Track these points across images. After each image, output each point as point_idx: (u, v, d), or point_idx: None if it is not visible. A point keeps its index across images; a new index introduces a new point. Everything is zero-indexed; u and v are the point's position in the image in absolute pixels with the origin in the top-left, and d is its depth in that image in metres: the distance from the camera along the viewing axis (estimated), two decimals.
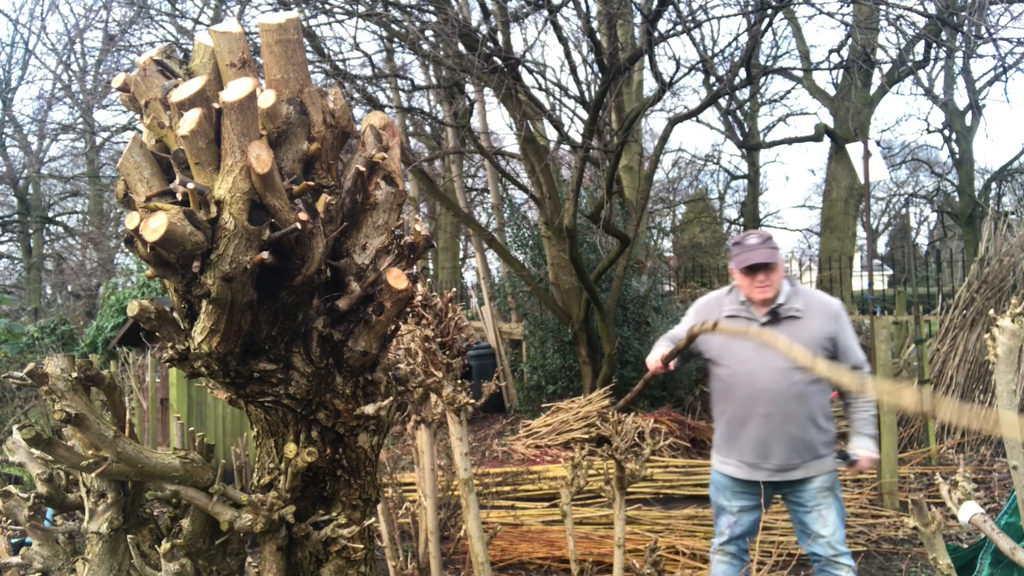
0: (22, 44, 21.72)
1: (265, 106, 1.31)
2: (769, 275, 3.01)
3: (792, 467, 3.04)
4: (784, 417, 3.01)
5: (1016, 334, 2.13)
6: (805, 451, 3.02)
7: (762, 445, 3.05)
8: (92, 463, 1.43)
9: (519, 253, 10.32)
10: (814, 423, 3.03)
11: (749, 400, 3.06)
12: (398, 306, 1.50)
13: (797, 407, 3.00)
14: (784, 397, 3.00)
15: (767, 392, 3.02)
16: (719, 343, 3.13)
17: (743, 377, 3.07)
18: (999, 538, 2.12)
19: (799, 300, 3.06)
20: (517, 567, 4.34)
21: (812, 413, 3.02)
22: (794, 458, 3.02)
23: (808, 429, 3.02)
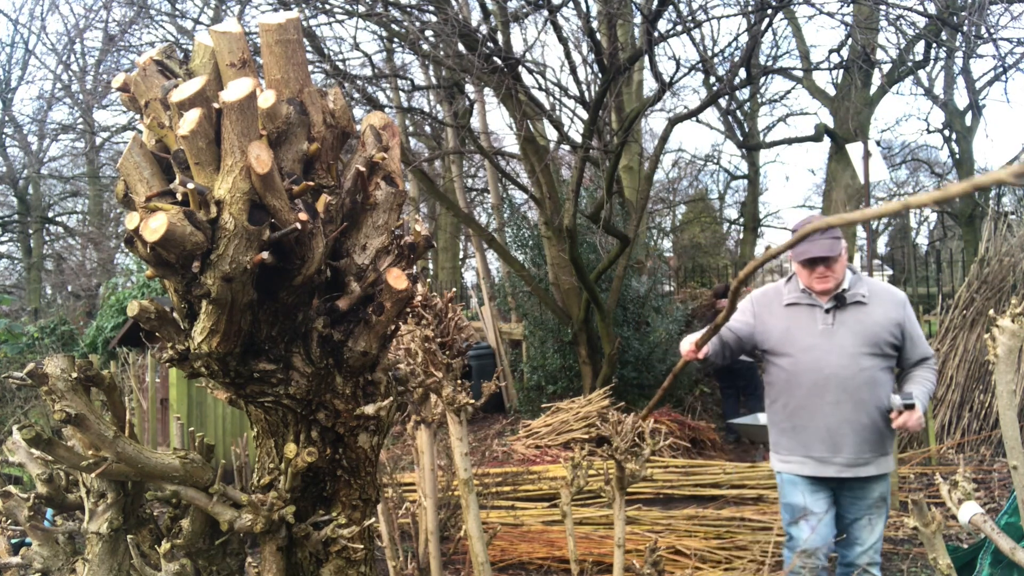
0: (22, 44, 21.73)
1: (265, 106, 1.31)
2: (830, 267, 2.88)
3: (864, 462, 2.87)
4: (855, 405, 2.84)
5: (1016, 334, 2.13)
6: (877, 444, 2.86)
7: (831, 436, 2.88)
8: (92, 463, 1.43)
9: (519, 253, 10.32)
10: (880, 412, 2.86)
11: (816, 388, 2.88)
12: (398, 306, 1.50)
13: (868, 394, 2.83)
14: (855, 383, 2.84)
15: (836, 378, 2.86)
16: (779, 332, 2.99)
17: (809, 364, 2.90)
18: (999, 538, 2.12)
19: (863, 286, 2.93)
20: (517, 567, 4.34)
21: (883, 402, 2.86)
22: (866, 451, 2.85)
23: (879, 419, 2.85)
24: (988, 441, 6.38)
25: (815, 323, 2.92)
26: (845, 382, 2.85)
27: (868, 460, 2.87)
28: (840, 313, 2.90)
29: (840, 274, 2.91)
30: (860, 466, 2.87)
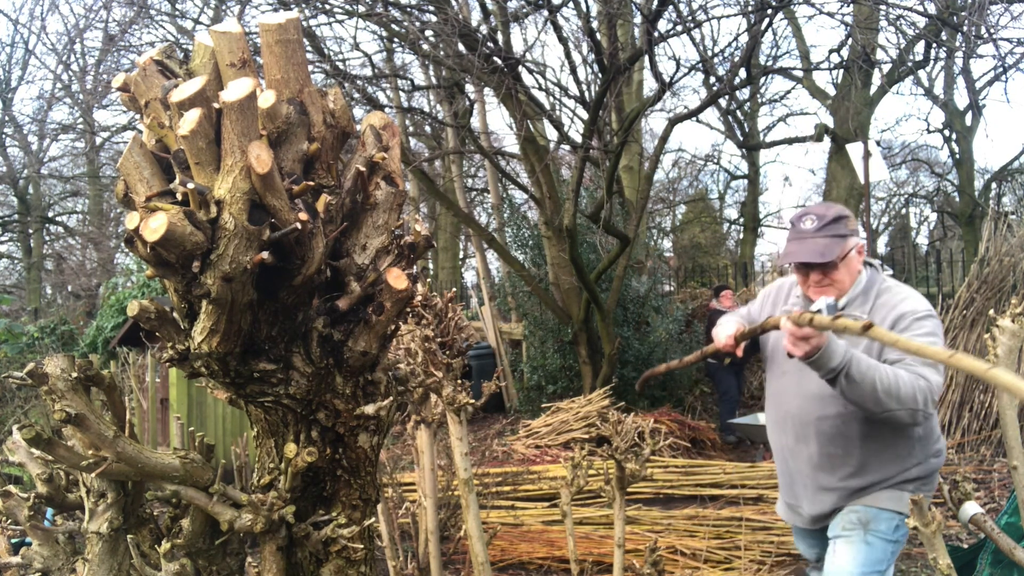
0: (22, 44, 21.72)
1: (265, 106, 1.31)
2: (828, 274, 2.28)
3: (826, 517, 2.36)
4: (815, 459, 2.31)
5: (1016, 334, 2.13)
6: (852, 494, 2.30)
7: (792, 483, 2.43)
8: (92, 463, 1.43)
9: (519, 253, 10.32)
10: (871, 459, 2.25)
11: (778, 425, 2.45)
12: (398, 306, 1.50)
13: (832, 447, 2.26)
14: (814, 433, 2.29)
15: (792, 421, 2.36)
16: (771, 342, 2.49)
17: (775, 395, 2.46)
18: (999, 538, 2.12)
19: (867, 302, 2.28)
20: (517, 567, 4.34)
21: (860, 459, 2.24)
22: (825, 507, 2.34)
23: (849, 478, 2.28)
24: (988, 441, 6.38)
25: None
26: (804, 429, 2.32)
27: (834, 512, 2.34)
28: None
29: (846, 282, 2.29)
30: (824, 520, 2.38)
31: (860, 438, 2.24)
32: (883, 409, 2.02)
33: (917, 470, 2.28)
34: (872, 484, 2.25)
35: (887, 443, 2.25)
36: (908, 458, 2.25)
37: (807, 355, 1.96)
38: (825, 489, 2.32)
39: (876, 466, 2.25)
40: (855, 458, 2.25)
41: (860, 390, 2.00)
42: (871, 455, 2.25)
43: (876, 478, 2.26)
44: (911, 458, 2.26)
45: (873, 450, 2.24)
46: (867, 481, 2.25)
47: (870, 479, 2.26)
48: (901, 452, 2.25)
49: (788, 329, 1.92)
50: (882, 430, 2.22)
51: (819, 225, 2.25)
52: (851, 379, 1.99)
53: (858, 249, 2.31)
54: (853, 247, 2.29)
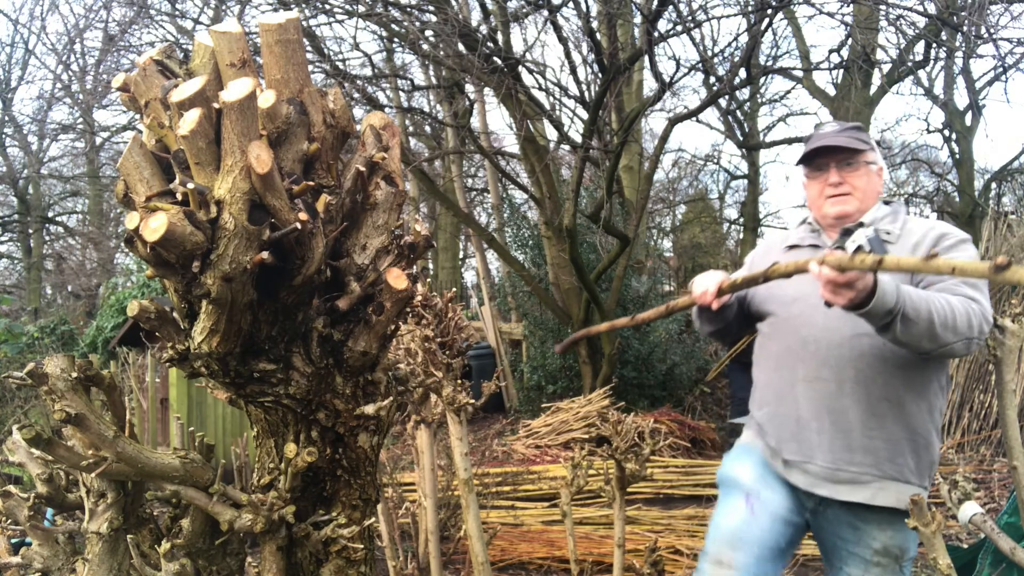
0: (22, 44, 21.73)
1: (265, 106, 1.31)
2: (846, 173, 1.94)
3: (850, 477, 1.86)
4: (841, 387, 1.86)
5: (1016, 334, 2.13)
6: (880, 455, 1.84)
7: (801, 430, 1.92)
8: (92, 463, 1.43)
9: (519, 253, 10.33)
10: (899, 410, 1.84)
11: (788, 356, 1.97)
12: (398, 306, 1.50)
13: (869, 376, 1.84)
14: (844, 355, 1.86)
15: (815, 344, 1.90)
16: (767, 289, 2.02)
17: (787, 321, 1.99)
18: (999, 538, 2.12)
19: (896, 223, 1.95)
20: (517, 567, 4.34)
21: (897, 393, 1.84)
22: (855, 460, 1.86)
23: (886, 417, 1.84)
24: (988, 441, 6.38)
25: None
26: (829, 352, 1.88)
27: (859, 476, 1.85)
28: None
29: (867, 195, 1.97)
30: (844, 483, 1.87)
31: (898, 367, 1.86)
32: (939, 344, 1.69)
33: (937, 445, 1.94)
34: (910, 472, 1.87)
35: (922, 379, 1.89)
36: (932, 412, 1.91)
37: (853, 302, 1.59)
38: (859, 447, 1.85)
39: (911, 412, 1.87)
40: (894, 391, 1.84)
41: (916, 329, 1.65)
42: (910, 389, 1.87)
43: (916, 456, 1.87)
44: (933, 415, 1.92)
45: (914, 381, 1.87)
46: (909, 461, 1.86)
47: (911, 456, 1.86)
48: (930, 399, 1.91)
49: (827, 275, 1.56)
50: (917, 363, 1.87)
51: (840, 128, 2.01)
52: (907, 320, 1.64)
53: (879, 171, 2.02)
54: (875, 161, 2.00)
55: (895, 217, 1.98)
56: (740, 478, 2.04)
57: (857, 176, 1.97)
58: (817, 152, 1.98)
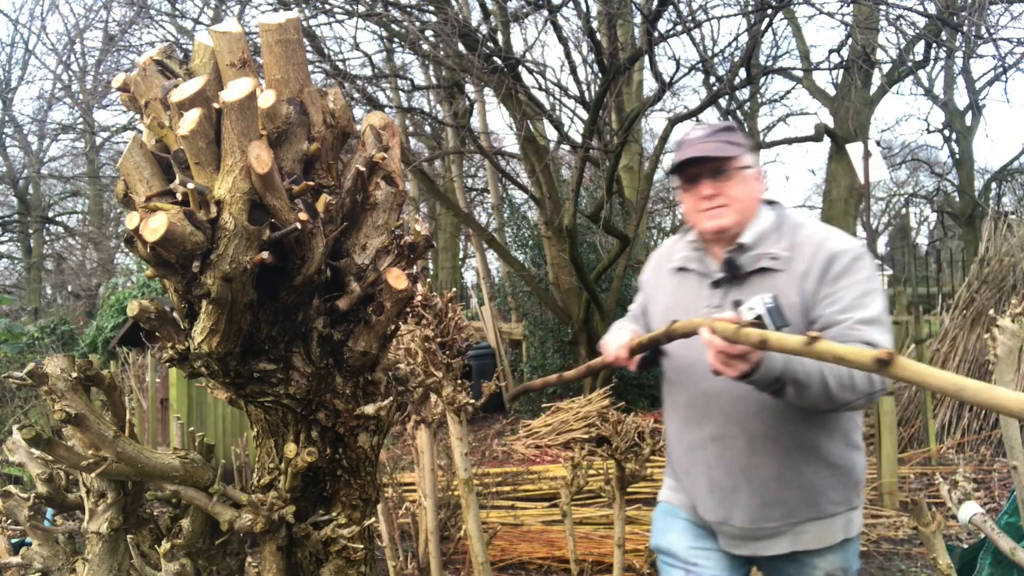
0: (22, 44, 21.73)
1: (265, 106, 1.31)
2: (719, 183, 1.76)
3: (765, 534, 1.78)
4: (750, 443, 1.75)
5: (1016, 334, 2.13)
6: (791, 505, 1.76)
7: (716, 491, 1.81)
8: (92, 463, 1.43)
9: (519, 253, 10.33)
10: (814, 454, 1.75)
11: (694, 412, 1.84)
12: (398, 306, 1.50)
13: (777, 425, 1.73)
14: (747, 408, 1.73)
15: (718, 400, 1.77)
16: (660, 315, 1.91)
17: (685, 371, 1.84)
18: (999, 538, 2.13)
19: (782, 240, 1.76)
20: (517, 567, 4.34)
21: (810, 438, 1.74)
22: (771, 516, 1.77)
23: (801, 465, 1.74)
24: (988, 441, 6.38)
25: (698, 305, 1.82)
26: (734, 408, 1.75)
27: (777, 530, 1.77)
28: (734, 290, 1.76)
29: (744, 204, 1.78)
30: (763, 540, 1.78)
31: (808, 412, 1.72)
32: (837, 405, 1.61)
33: (860, 460, 1.83)
34: (836, 503, 1.77)
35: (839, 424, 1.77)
36: (850, 436, 1.79)
37: (743, 373, 1.50)
38: (777, 501, 1.76)
39: (827, 451, 1.76)
40: (807, 437, 1.74)
41: (810, 393, 1.56)
42: (819, 431, 1.75)
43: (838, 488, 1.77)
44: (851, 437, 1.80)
45: (821, 424, 1.75)
46: (831, 496, 1.76)
47: (832, 491, 1.76)
48: (844, 426, 1.79)
49: (715, 345, 1.47)
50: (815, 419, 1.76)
51: (708, 132, 1.83)
52: (799, 385, 1.55)
53: (756, 175, 1.84)
54: (750, 165, 1.82)
55: (779, 234, 1.78)
56: (675, 549, 1.91)
57: (731, 185, 1.77)
58: (685, 163, 1.79)
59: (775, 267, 1.73)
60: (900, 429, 6.48)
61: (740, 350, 1.46)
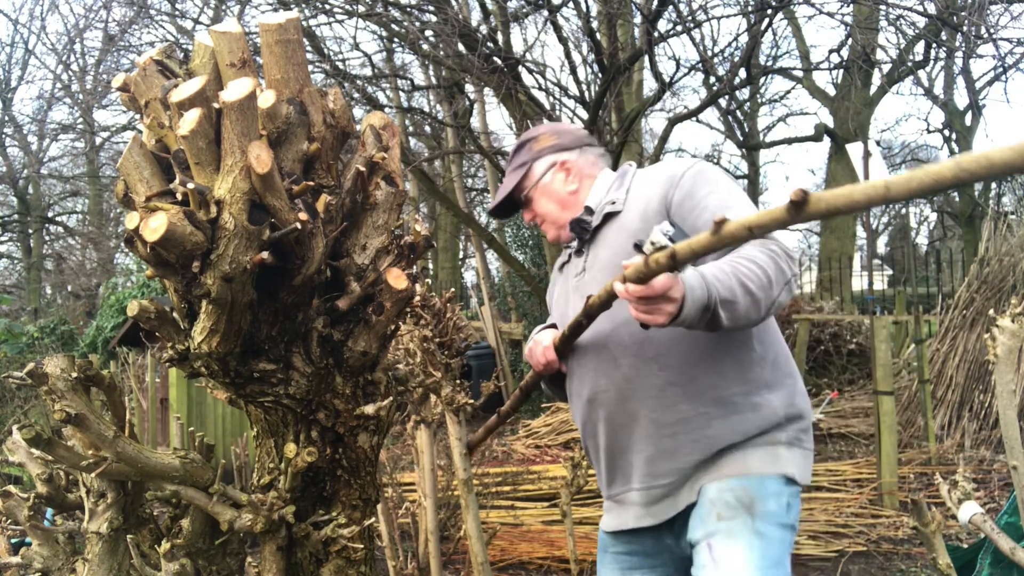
0: (22, 44, 21.73)
1: (265, 106, 1.31)
2: (530, 210, 1.85)
3: (661, 494, 1.60)
4: (619, 392, 1.62)
5: (1016, 334, 2.13)
6: (680, 452, 1.57)
7: (610, 460, 1.69)
8: (92, 463, 1.43)
9: (519, 253, 10.33)
10: (691, 387, 1.57)
11: (574, 380, 1.75)
12: (398, 306, 1.50)
13: (641, 364, 1.59)
14: (612, 356, 1.63)
15: (585, 357, 1.68)
16: (553, 310, 1.92)
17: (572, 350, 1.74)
18: (999, 538, 2.13)
19: (621, 188, 1.74)
20: (517, 567, 4.34)
21: (682, 371, 1.57)
22: (659, 471, 1.59)
23: (678, 403, 1.57)
24: (988, 441, 6.38)
25: (571, 276, 1.83)
26: (599, 359, 1.65)
27: (673, 486, 1.59)
28: (591, 248, 1.75)
29: (558, 209, 1.80)
30: (660, 502, 1.61)
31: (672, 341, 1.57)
32: (766, 308, 1.46)
33: (779, 400, 1.59)
34: (727, 436, 1.55)
35: (724, 355, 1.59)
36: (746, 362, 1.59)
37: (674, 315, 1.35)
38: (662, 451, 1.58)
39: (711, 383, 1.56)
40: (677, 371, 1.58)
41: (739, 308, 1.41)
42: (696, 360, 1.57)
43: (728, 423, 1.56)
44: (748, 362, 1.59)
45: (692, 351, 1.57)
46: (719, 429, 1.56)
47: (721, 423, 1.56)
48: (734, 350, 1.59)
49: (635, 291, 1.32)
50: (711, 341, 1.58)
51: (508, 163, 1.86)
52: (726, 303, 1.39)
53: (560, 166, 1.80)
54: (546, 168, 1.79)
55: (620, 183, 1.75)
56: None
57: (536, 205, 1.83)
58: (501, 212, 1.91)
59: (615, 210, 1.70)
60: (900, 429, 6.48)
61: (661, 288, 1.31)
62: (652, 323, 1.37)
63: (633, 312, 1.37)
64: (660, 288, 1.31)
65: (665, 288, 1.31)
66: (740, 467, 1.54)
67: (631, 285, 1.32)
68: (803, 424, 1.62)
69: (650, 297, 1.32)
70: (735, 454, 1.55)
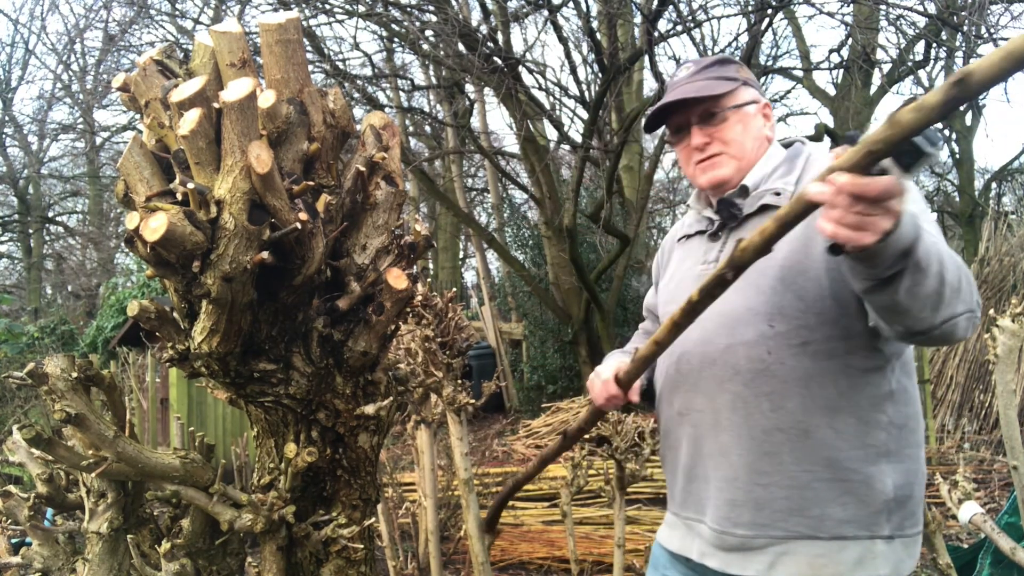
0: (22, 44, 21.75)
1: (265, 106, 1.31)
2: (711, 128, 1.48)
3: (735, 543, 1.36)
4: (715, 418, 1.39)
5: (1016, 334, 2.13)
6: (772, 508, 1.32)
7: (688, 481, 1.47)
8: (92, 463, 1.43)
9: (519, 253, 10.34)
10: (802, 441, 1.31)
11: (667, 384, 1.52)
12: (398, 306, 1.50)
13: (750, 396, 1.34)
14: (716, 375, 1.38)
15: (687, 366, 1.44)
16: (666, 292, 1.65)
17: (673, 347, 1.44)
18: (999, 538, 2.13)
19: (791, 173, 1.44)
20: (517, 567, 4.34)
21: (795, 417, 1.32)
22: (740, 520, 1.35)
23: (781, 454, 1.32)
24: (988, 441, 6.38)
25: (697, 264, 1.54)
26: (702, 374, 1.41)
27: (749, 541, 1.34)
28: (733, 236, 1.47)
29: (744, 148, 1.48)
30: (733, 551, 1.36)
31: (795, 380, 1.32)
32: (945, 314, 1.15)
33: (894, 476, 1.32)
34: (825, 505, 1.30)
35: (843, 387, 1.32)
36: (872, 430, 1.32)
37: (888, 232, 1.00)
38: (748, 499, 1.34)
39: (824, 440, 1.31)
40: (790, 415, 1.32)
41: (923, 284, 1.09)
42: (814, 410, 1.31)
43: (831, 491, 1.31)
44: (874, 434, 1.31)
45: (816, 398, 1.31)
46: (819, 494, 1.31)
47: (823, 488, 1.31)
48: (863, 411, 1.31)
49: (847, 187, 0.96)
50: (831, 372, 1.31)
51: (695, 69, 1.52)
52: (917, 269, 1.08)
53: (762, 109, 1.53)
54: (751, 99, 1.50)
55: (790, 167, 1.45)
56: None
57: (726, 128, 1.47)
58: (668, 110, 1.50)
59: (778, 203, 1.37)
60: None
61: (884, 189, 0.95)
62: (853, 242, 1.01)
63: (827, 223, 1.01)
64: (883, 188, 0.96)
65: (889, 191, 0.96)
66: (828, 568, 1.30)
67: (843, 176, 0.96)
68: (912, 505, 1.36)
69: (868, 198, 0.96)
70: (825, 546, 1.30)
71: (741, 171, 1.48)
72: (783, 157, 1.49)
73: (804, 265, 1.32)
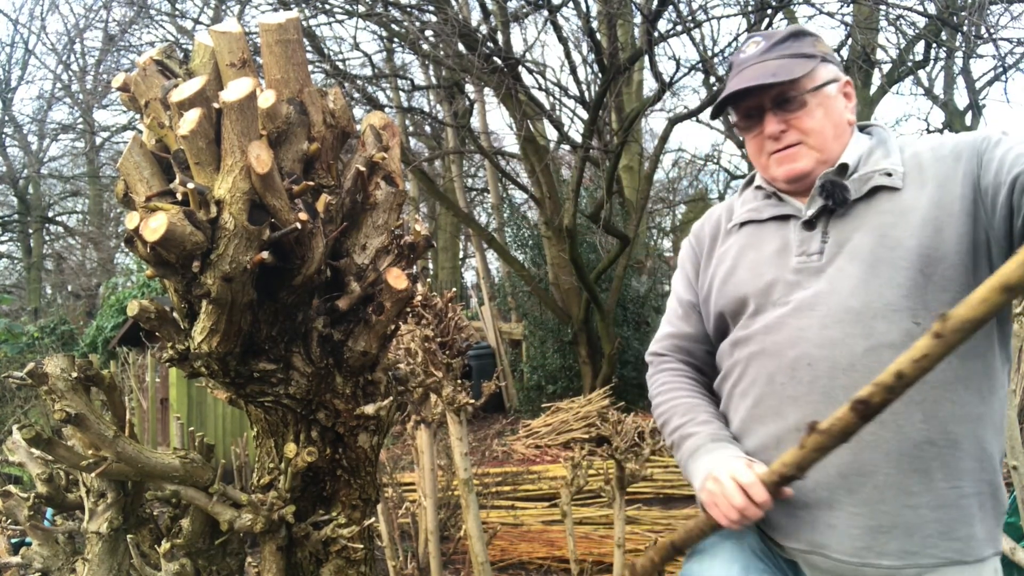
0: (22, 44, 21.75)
1: (265, 106, 1.31)
2: (788, 115, 1.33)
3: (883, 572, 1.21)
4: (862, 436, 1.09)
5: (1016, 334, 2.13)
6: (923, 533, 1.20)
7: (803, 508, 1.27)
8: (92, 463, 1.43)
9: (519, 253, 10.34)
10: (953, 453, 1.20)
11: (772, 392, 1.30)
12: (398, 306, 1.50)
13: (900, 407, 1.08)
14: (856, 382, 1.15)
15: (811, 373, 1.25)
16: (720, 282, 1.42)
17: (764, 335, 1.31)
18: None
19: (891, 155, 1.31)
20: (517, 567, 4.34)
21: (947, 427, 1.20)
22: (886, 549, 1.21)
23: (932, 471, 1.20)
24: None
25: (786, 255, 1.34)
26: (834, 381, 1.23)
27: (898, 571, 1.21)
28: (839, 224, 1.30)
29: (825, 136, 1.33)
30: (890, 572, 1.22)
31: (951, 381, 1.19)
32: None
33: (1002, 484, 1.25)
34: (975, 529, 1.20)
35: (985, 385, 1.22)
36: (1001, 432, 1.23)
37: None
38: (896, 524, 1.20)
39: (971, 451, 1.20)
40: (943, 424, 1.19)
41: None
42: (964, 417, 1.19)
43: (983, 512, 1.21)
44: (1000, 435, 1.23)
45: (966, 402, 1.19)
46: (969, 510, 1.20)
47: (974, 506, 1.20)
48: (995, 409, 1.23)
49: None
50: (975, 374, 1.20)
51: (767, 46, 1.36)
52: None
53: (843, 87, 1.37)
54: (832, 78, 1.35)
55: (885, 146, 1.33)
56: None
57: (805, 115, 1.32)
58: (739, 96, 1.35)
59: (893, 184, 1.26)
60: None
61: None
62: None
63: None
64: None
65: None
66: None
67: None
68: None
69: None
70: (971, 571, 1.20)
71: (823, 162, 1.34)
72: (875, 140, 1.36)
73: (942, 252, 1.19)
